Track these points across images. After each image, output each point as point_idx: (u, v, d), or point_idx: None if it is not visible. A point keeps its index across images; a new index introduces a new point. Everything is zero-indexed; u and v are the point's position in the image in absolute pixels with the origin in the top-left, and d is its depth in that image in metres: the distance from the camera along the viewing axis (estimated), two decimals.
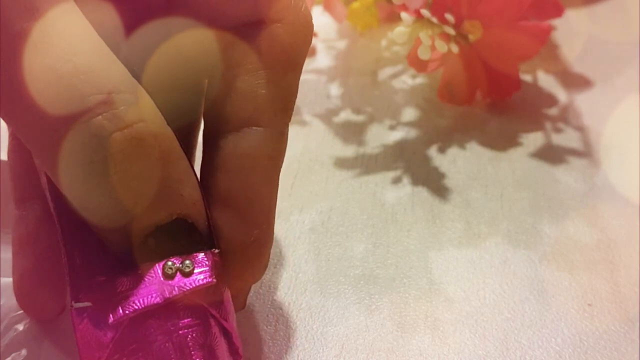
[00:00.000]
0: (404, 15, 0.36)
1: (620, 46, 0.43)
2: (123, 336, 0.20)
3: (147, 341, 0.20)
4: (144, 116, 0.20)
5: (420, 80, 0.41)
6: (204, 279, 0.21)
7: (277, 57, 0.23)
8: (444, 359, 0.26)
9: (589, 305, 0.28)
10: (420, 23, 0.36)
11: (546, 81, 0.41)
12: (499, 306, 0.28)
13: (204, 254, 0.21)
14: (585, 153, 0.35)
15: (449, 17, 0.35)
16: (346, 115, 0.39)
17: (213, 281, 0.21)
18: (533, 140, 0.36)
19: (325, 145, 0.37)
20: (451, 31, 0.35)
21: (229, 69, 0.23)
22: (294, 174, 0.35)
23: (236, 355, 0.22)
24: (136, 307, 0.20)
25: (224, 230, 0.22)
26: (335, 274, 0.30)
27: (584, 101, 0.39)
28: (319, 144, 0.37)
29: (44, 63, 0.18)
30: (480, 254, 0.30)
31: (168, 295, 0.20)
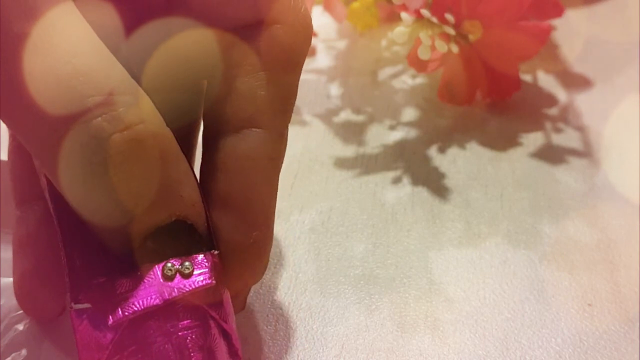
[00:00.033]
0: (404, 15, 0.35)
1: (620, 46, 0.43)
2: (122, 337, 0.20)
3: (147, 342, 0.20)
4: (144, 117, 0.20)
5: (420, 80, 0.41)
6: (203, 281, 0.21)
7: (277, 58, 0.23)
8: (444, 359, 0.26)
9: (589, 305, 0.28)
10: (420, 23, 0.36)
11: (546, 81, 0.40)
12: (499, 306, 0.28)
13: (203, 255, 0.21)
14: (585, 153, 0.35)
15: (449, 17, 0.35)
16: (346, 115, 0.39)
17: (212, 282, 0.21)
18: (533, 140, 0.36)
19: (325, 145, 0.37)
20: (451, 31, 0.35)
21: (229, 69, 0.23)
22: (294, 174, 0.35)
23: (236, 356, 0.22)
24: (136, 309, 0.20)
25: (223, 232, 0.22)
26: (335, 274, 0.30)
27: (584, 101, 0.39)
28: (319, 144, 0.37)
29: (43, 64, 0.18)
30: (480, 254, 0.30)
31: (167, 297, 0.20)
